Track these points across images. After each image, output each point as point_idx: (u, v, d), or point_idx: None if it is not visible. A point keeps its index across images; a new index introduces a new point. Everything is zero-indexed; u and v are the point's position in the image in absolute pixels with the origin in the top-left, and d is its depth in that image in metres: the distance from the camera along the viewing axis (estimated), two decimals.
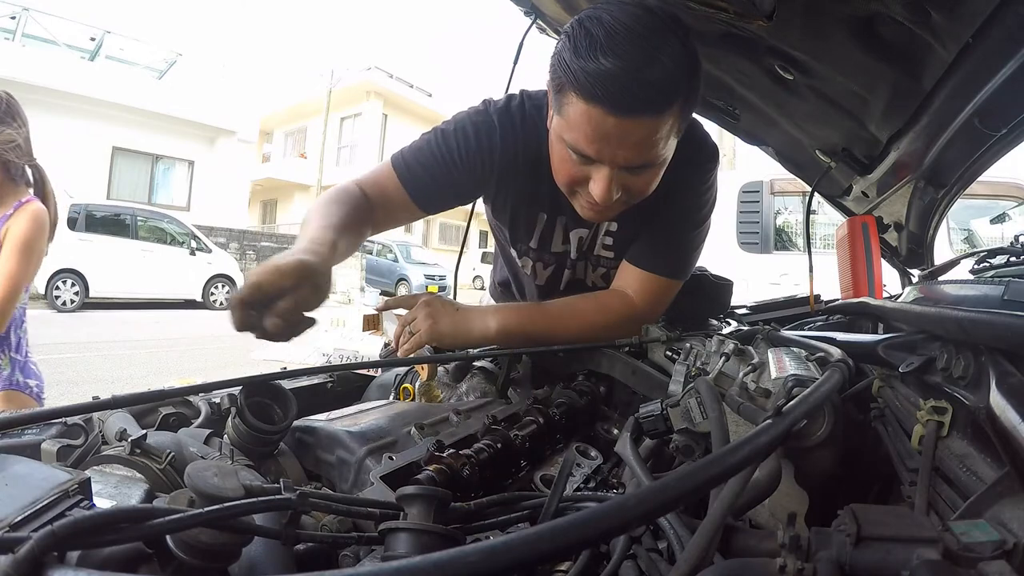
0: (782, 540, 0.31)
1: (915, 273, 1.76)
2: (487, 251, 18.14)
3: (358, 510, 0.45)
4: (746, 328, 0.92)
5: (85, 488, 0.35)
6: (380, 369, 1.10)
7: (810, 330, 1.28)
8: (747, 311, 1.64)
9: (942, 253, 1.73)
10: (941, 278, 1.40)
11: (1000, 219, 4.01)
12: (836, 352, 0.62)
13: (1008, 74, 0.77)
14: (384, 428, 0.68)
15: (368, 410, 0.76)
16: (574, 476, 0.65)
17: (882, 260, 1.68)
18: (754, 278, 4.33)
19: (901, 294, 1.26)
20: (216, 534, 0.34)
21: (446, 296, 1.10)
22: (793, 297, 1.75)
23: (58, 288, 8.99)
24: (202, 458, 0.54)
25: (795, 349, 0.67)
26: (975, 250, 1.55)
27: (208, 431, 0.63)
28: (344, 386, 1.05)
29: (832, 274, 1.81)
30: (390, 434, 0.67)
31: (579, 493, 0.58)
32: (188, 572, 0.35)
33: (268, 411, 0.63)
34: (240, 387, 0.62)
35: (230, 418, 0.60)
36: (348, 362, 1.81)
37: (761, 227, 4.90)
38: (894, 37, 0.80)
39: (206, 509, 0.33)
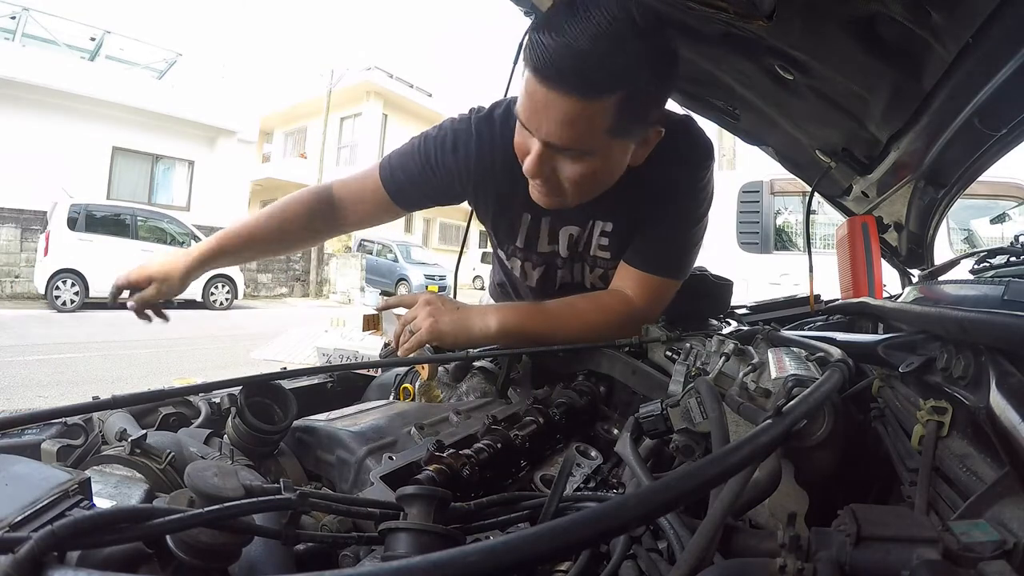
0: (782, 540, 0.31)
1: (915, 273, 1.76)
2: (487, 251, 18.15)
3: (358, 510, 0.45)
4: (746, 328, 0.92)
5: (85, 488, 0.35)
6: (380, 369, 1.10)
7: (810, 330, 1.29)
8: (747, 311, 1.64)
9: (942, 253, 1.73)
10: (941, 278, 1.40)
11: (1000, 219, 4.01)
12: (836, 352, 0.62)
13: (1008, 74, 0.77)
14: (384, 428, 0.68)
15: (368, 410, 0.76)
16: (574, 476, 0.65)
17: (882, 260, 1.67)
18: (754, 278, 4.32)
19: (901, 294, 1.27)
20: (216, 534, 0.34)
21: (446, 296, 1.10)
22: (793, 297, 1.75)
23: (58, 288, 8.98)
24: (202, 458, 0.54)
25: (795, 349, 0.67)
26: (975, 250, 1.55)
27: (208, 431, 0.63)
28: (344, 386, 1.05)
29: (832, 274, 1.80)
30: (390, 434, 0.67)
31: (579, 493, 0.58)
32: (188, 572, 0.35)
33: (268, 411, 0.63)
34: (240, 387, 0.62)
35: (230, 418, 0.60)
36: (348, 362, 1.81)
37: (761, 227, 4.89)
38: (894, 37, 0.80)
39: (206, 509, 0.33)
